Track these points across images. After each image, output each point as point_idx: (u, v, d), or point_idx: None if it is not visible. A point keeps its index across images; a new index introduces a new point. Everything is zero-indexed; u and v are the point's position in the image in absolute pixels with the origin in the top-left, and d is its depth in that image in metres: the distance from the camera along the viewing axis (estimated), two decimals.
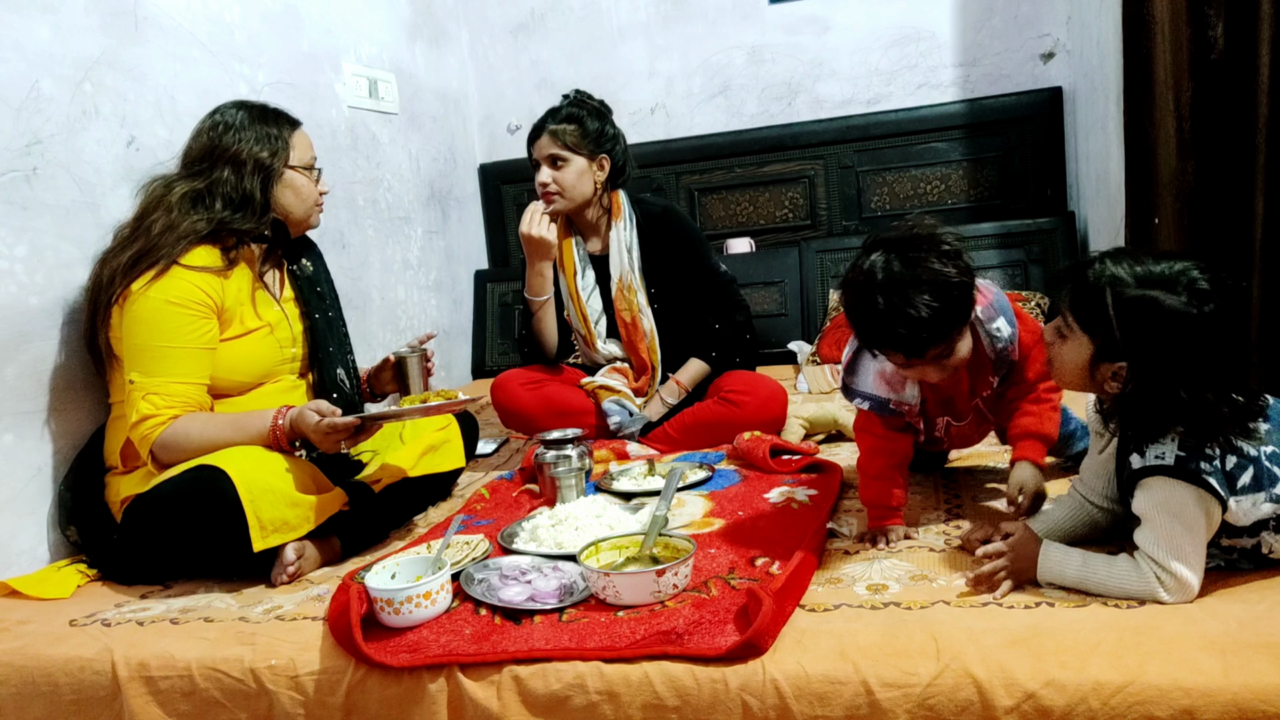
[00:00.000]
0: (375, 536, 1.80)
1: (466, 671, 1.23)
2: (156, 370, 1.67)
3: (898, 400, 1.57)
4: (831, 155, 3.53)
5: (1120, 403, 1.24)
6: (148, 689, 1.33)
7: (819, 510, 1.68)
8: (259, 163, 1.80)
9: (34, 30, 1.86)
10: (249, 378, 1.82)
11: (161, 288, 1.69)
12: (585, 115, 2.38)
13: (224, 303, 1.76)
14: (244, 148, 1.80)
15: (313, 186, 1.91)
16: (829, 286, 3.40)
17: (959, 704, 1.08)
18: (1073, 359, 1.26)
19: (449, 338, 3.62)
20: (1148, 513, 1.22)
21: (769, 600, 1.20)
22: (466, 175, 3.84)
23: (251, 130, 1.82)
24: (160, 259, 1.70)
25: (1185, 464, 1.18)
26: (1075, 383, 1.29)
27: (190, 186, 1.78)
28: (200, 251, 1.75)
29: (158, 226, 1.73)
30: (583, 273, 2.44)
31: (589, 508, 1.69)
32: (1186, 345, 1.16)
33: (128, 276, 1.70)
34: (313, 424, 1.63)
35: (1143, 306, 1.17)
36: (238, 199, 1.79)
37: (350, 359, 2.05)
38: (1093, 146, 3.05)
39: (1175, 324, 1.16)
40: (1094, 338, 1.23)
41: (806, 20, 3.54)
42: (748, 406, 2.24)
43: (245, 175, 1.79)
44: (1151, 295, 1.17)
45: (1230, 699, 1.01)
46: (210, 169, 1.79)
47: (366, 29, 3.13)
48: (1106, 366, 1.23)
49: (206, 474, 1.55)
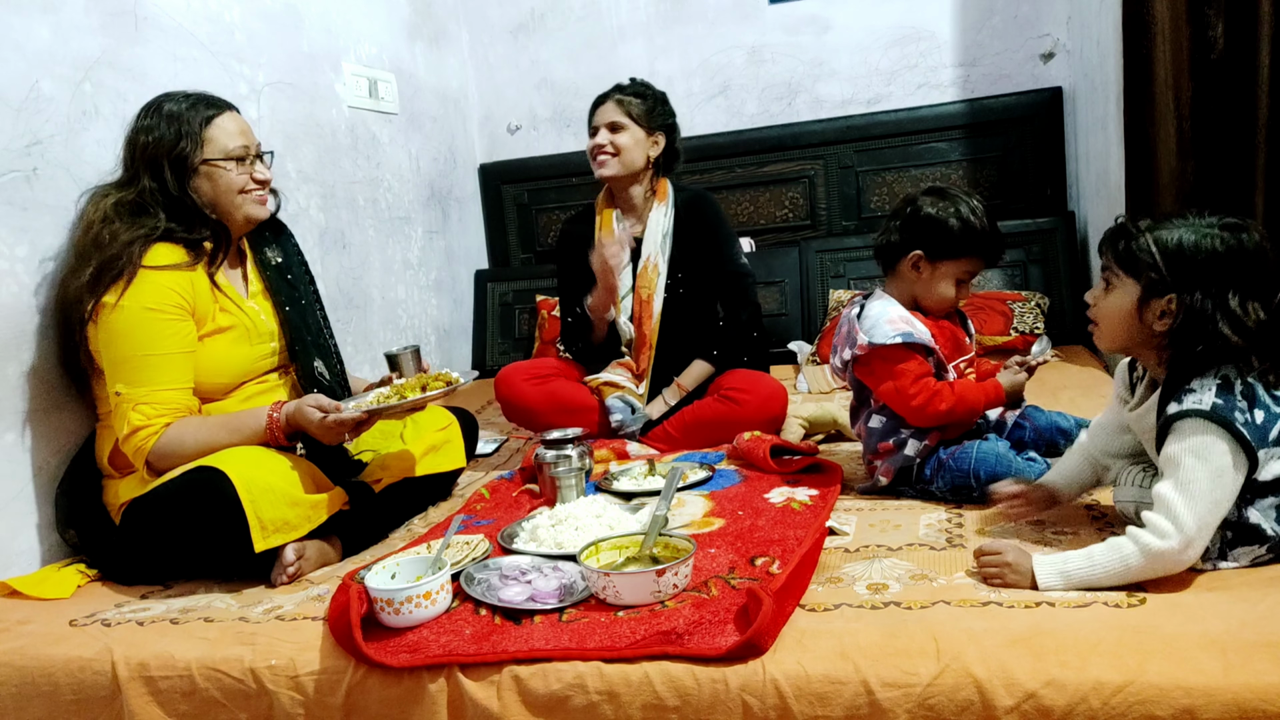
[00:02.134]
0: (375, 536, 1.80)
1: (466, 671, 1.23)
2: (142, 380, 1.65)
3: (919, 333, 1.71)
4: (831, 155, 3.53)
5: (1170, 337, 1.31)
6: (148, 689, 1.33)
7: (819, 510, 1.67)
8: (173, 161, 1.71)
9: (34, 30, 1.86)
10: (228, 378, 1.78)
11: (135, 295, 1.64)
12: (649, 93, 2.47)
13: (195, 303, 1.72)
14: (159, 147, 1.71)
15: (233, 176, 1.76)
16: (829, 286, 3.40)
17: (959, 704, 1.08)
18: (1121, 304, 1.35)
19: (449, 337, 3.62)
20: (1175, 456, 1.25)
21: (769, 600, 1.20)
22: (466, 175, 3.84)
23: (165, 127, 1.72)
24: (123, 267, 1.64)
25: (1220, 410, 1.24)
26: (1122, 332, 1.37)
27: (121, 196, 1.72)
28: (160, 249, 1.69)
29: (106, 236, 1.67)
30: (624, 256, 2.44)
31: (589, 508, 1.68)
32: (1226, 268, 1.27)
33: (95, 291, 1.65)
34: (315, 420, 1.63)
35: (1182, 241, 1.29)
36: (174, 205, 1.71)
37: (332, 347, 1.98)
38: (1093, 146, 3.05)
39: (1213, 251, 1.27)
40: (1140, 279, 1.32)
41: (806, 20, 3.54)
42: (748, 405, 2.24)
43: (166, 179, 1.71)
44: (1189, 233, 1.30)
45: (1231, 698, 1.01)
46: (135, 176, 1.73)
47: (366, 29, 3.13)
48: (1155, 303, 1.31)
49: (206, 475, 1.55)
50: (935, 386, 1.70)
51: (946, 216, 1.71)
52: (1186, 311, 1.28)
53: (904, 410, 1.72)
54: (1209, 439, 1.23)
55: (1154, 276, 1.30)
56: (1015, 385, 1.76)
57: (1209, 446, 1.23)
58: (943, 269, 1.74)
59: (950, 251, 1.72)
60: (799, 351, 3.24)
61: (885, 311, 1.74)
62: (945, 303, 1.77)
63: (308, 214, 2.75)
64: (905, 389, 1.70)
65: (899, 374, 1.71)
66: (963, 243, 1.71)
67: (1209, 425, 1.24)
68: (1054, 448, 1.81)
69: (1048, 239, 3.23)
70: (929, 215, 1.72)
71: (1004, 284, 3.22)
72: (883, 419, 1.78)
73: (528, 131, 3.89)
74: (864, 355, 1.74)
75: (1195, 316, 1.27)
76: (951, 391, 1.70)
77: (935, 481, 1.71)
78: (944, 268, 1.74)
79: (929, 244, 1.73)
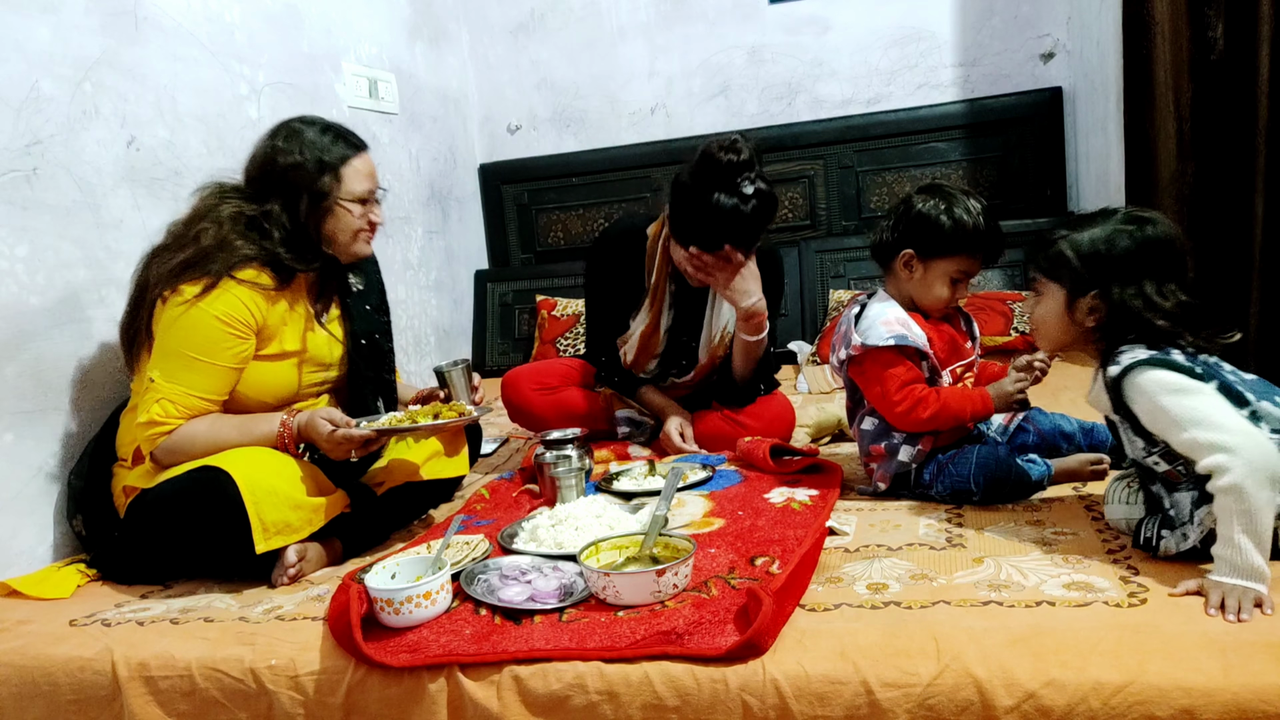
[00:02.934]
0: (377, 539, 1.80)
1: (466, 671, 1.23)
2: (179, 379, 1.65)
3: (914, 335, 1.71)
4: (831, 155, 3.53)
5: (1104, 333, 1.39)
6: (148, 689, 1.33)
7: (819, 510, 1.67)
8: (312, 195, 1.72)
9: (34, 30, 1.86)
10: (271, 399, 1.77)
11: (211, 301, 1.65)
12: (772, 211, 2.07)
13: (266, 321, 1.72)
14: (301, 177, 1.71)
15: (354, 218, 1.78)
16: (829, 286, 3.40)
17: (959, 704, 1.08)
18: (1052, 309, 1.43)
19: (449, 338, 3.62)
20: (1153, 406, 1.28)
21: (769, 600, 1.20)
22: (466, 175, 3.84)
23: (308, 155, 1.72)
24: (212, 270, 1.65)
25: (1157, 355, 1.30)
26: (1058, 334, 1.45)
27: (242, 208, 1.72)
28: (253, 270, 1.70)
29: (207, 238, 1.68)
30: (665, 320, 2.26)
31: (589, 508, 1.68)
32: (1137, 260, 1.35)
33: (176, 279, 1.66)
34: (325, 433, 1.62)
35: (1094, 240, 1.38)
36: (292, 232, 1.73)
37: (389, 382, 1.97)
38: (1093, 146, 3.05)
39: (1124, 247, 1.36)
40: (1063, 283, 1.41)
41: (806, 20, 3.54)
42: (752, 429, 2.21)
43: (299, 210, 1.72)
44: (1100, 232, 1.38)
45: (1231, 698, 1.01)
46: (264, 195, 1.73)
47: (366, 29, 3.13)
48: (1082, 302, 1.39)
49: (209, 475, 1.55)
50: (920, 394, 1.69)
51: (938, 214, 1.70)
52: (1110, 305, 1.36)
53: (888, 415, 1.73)
54: (1160, 374, 1.28)
55: (1074, 278, 1.39)
56: (1005, 396, 1.72)
57: (1166, 379, 1.27)
58: (935, 267, 1.73)
59: (941, 250, 1.71)
60: (799, 351, 3.24)
61: (883, 313, 1.74)
62: (940, 302, 1.76)
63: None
64: (890, 394, 1.70)
65: (886, 379, 1.70)
66: (954, 241, 1.70)
67: (1153, 368, 1.29)
68: (1056, 451, 1.81)
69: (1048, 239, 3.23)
70: (920, 213, 1.71)
71: (1004, 284, 3.22)
72: (875, 421, 1.78)
73: (528, 131, 3.89)
74: (858, 356, 1.74)
75: (1119, 309, 1.35)
76: (936, 399, 1.69)
77: (935, 486, 1.71)
78: (936, 266, 1.72)
79: (920, 242, 1.72)
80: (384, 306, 2.00)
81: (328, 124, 1.78)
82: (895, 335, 1.70)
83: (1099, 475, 1.72)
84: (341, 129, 1.79)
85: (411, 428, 1.69)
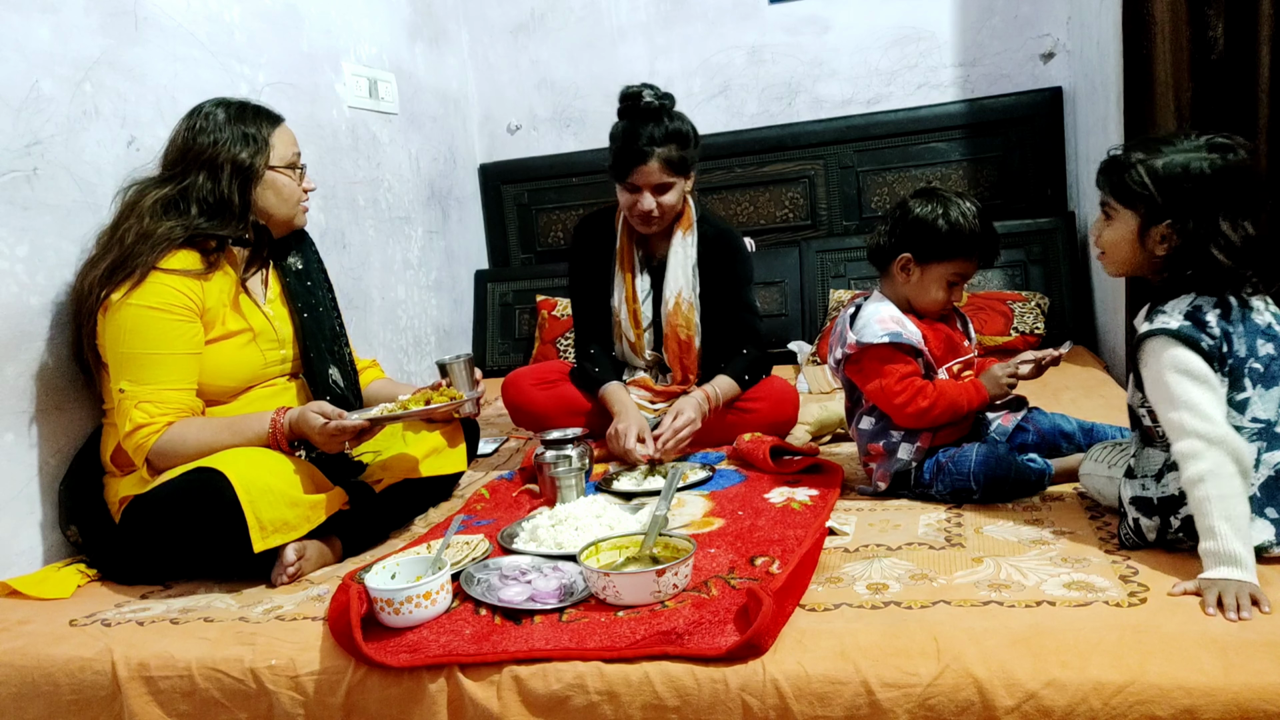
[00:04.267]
0: (376, 537, 1.80)
1: (466, 671, 1.23)
2: (146, 378, 1.66)
3: (908, 333, 1.72)
4: (831, 155, 3.53)
5: (1172, 262, 1.36)
6: (148, 689, 1.33)
7: (819, 510, 1.68)
8: (237, 165, 1.75)
9: (34, 30, 1.86)
10: (234, 382, 1.79)
11: (141, 294, 1.66)
12: (683, 128, 2.18)
13: (205, 304, 1.73)
14: (220, 150, 1.74)
15: (295, 186, 1.85)
16: (829, 286, 3.40)
17: (960, 704, 1.08)
18: (1122, 234, 1.40)
19: (449, 337, 3.62)
20: (1158, 377, 1.29)
21: (769, 600, 1.20)
22: (466, 175, 3.84)
23: (229, 130, 1.76)
24: (137, 267, 1.66)
25: (1185, 331, 1.30)
26: (1126, 259, 1.42)
27: (162, 193, 1.74)
28: (179, 255, 1.71)
29: (131, 235, 1.69)
30: (642, 288, 2.34)
31: (589, 508, 1.69)
32: (1216, 189, 1.31)
33: (105, 287, 1.67)
34: (317, 426, 1.63)
35: (1172, 167, 1.33)
36: (214, 204, 1.74)
37: (346, 355, 2.00)
38: (1093, 146, 3.05)
39: (1202, 174, 1.32)
40: (1137, 209, 1.37)
41: (806, 20, 3.54)
42: (759, 412, 2.22)
43: (222, 179, 1.74)
44: (1178, 157, 1.34)
45: (1231, 698, 1.01)
46: (184, 173, 1.75)
47: (366, 29, 3.13)
48: (1155, 230, 1.36)
49: (205, 476, 1.55)
50: (918, 385, 1.70)
51: (935, 219, 1.70)
52: (1182, 235, 1.33)
53: (888, 408, 1.73)
54: (1178, 352, 1.29)
55: (1150, 205, 1.35)
56: (995, 380, 1.73)
57: (1183, 359, 1.28)
58: (932, 271, 1.73)
59: (938, 254, 1.72)
60: (799, 351, 3.24)
61: (877, 312, 1.74)
62: (937, 305, 1.76)
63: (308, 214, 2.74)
64: (889, 387, 1.71)
65: (885, 373, 1.71)
66: (951, 245, 1.70)
67: (1176, 343, 1.29)
68: (1056, 450, 1.81)
69: (1048, 239, 3.23)
70: (916, 217, 1.72)
71: (1004, 284, 3.22)
72: (873, 420, 1.78)
73: (528, 131, 3.89)
74: (854, 354, 1.75)
75: (1191, 239, 1.33)
76: (934, 389, 1.70)
77: (935, 485, 1.71)
78: (933, 270, 1.73)
79: (917, 246, 1.72)
80: (326, 283, 2.02)
81: (243, 101, 1.84)
82: (890, 332, 1.70)
83: None
84: (258, 105, 1.84)
85: (403, 414, 1.70)
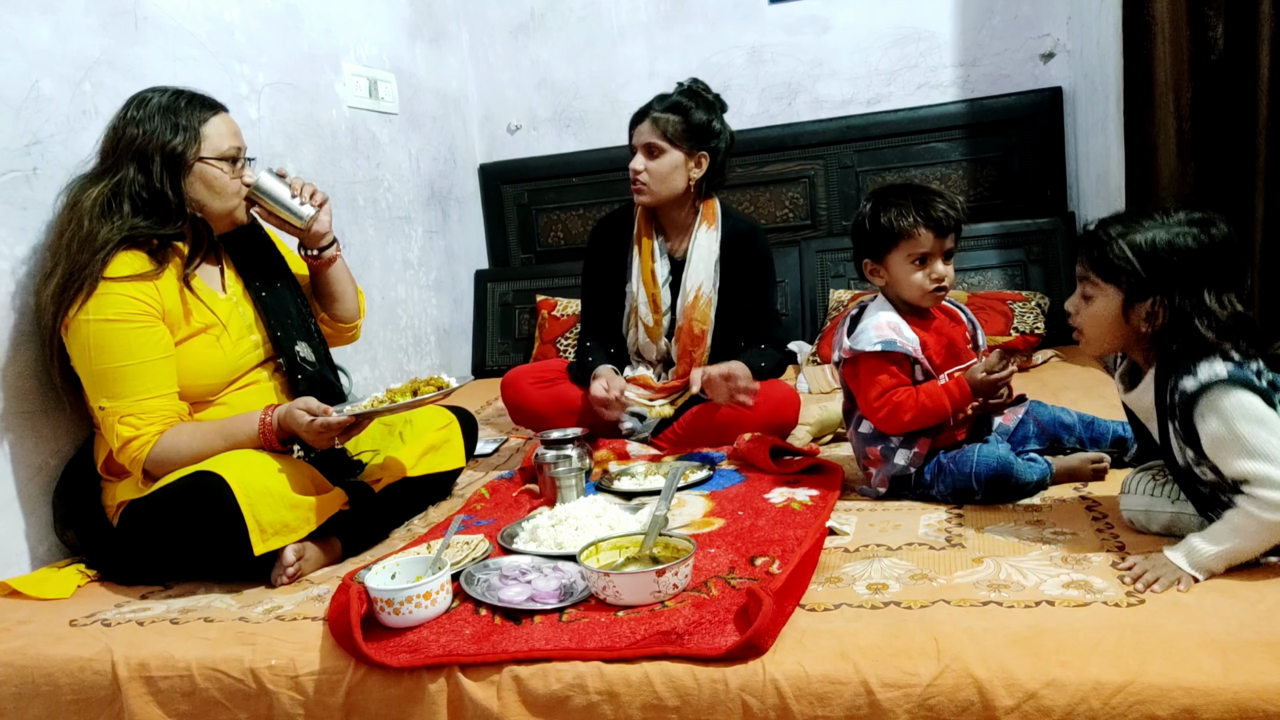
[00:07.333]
0: (375, 536, 1.80)
1: (466, 671, 1.23)
2: (122, 392, 1.62)
3: (903, 340, 1.70)
4: (831, 155, 3.53)
5: (1158, 338, 1.34)
6: (148, 689, 1.33)
7: (819, 510, 1.67)
8: (166, 156, 1.67)
9: (34, 30, 1.86)
10: (213, 380, 1.76)
11: (97, 308, 1.61)
12: (693, 107, 2.25)
13: (164, 305, 1.68)
14: (151, 140, 1.66)
15: (229, 179, 1.74)
16: (829, 286, 3.40)
17: (959, 704, 1.08)
18: (1104, 312, 1.36)
19: (449, 337, 3.62)
20: (1229, 430, 1.24)
21: (769, 600, 1.20)
22: (466, 175, 3.84)
23: (159, 120, 1.68)
24: (85, 280, 1.60)
25: (1236, 374, 1.26)
26: (1107, 338, 1.39)
27: (99, 189, 1.66)
28: (124, 259, 1.65)
29: (75, 244, 1.63)
30: (661, 272, 2.34)
31: (589, 508, 1.68)
32: (1201, 264, 1.29)
33: (60, 305, 1.63)
34: (304, 424, 1.62)
35: (1157, 242, 1.31)
36: (148, 199, 1.67)
37: (313, 328, 1.95)
38: (1093, 147, 3.05)
39: (1187, 249, 1.30)
40: (1120, 286, 1.34)
41: (806, 20, 3.54)
42: (759, 410, 2.22)
43: (153, 171, 1.66)
44: (1163, 233, 1.32)
45: (1231, 698, 1.01)
46: (117, 165, 1.68)
47: (366, 29, 3.13)
48: (1139, 307, 1.33)
49: (204, 480, 1.55)
50: (898, 399, 1.68)
51: (863, 217, 1.73)
52: (1170, 311, 1.30)
53: (873, 421, 1.73)
54: (1242, 397, 1.24)
55: (1134, 281, 1.32)
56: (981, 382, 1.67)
57: (1250, 405, 1.24)
58: (891, 262, 1.72)
59: (884, 243, 1.72)
60: (799, 351, 3.24)
61: (876, 317, 1.74)
62: (922, 290, 1.72)
63: None
64: (871, 402, 1.71)
65: (869, 386, 1.71)
66: (887, 230, 1.70)
67: (1235, 388, 1.24)
68: (1057, 442, 1.81)
69: (1048, 239, 3.23)
70: (855, 225, 1.77)
71: (1004, 284, 3.22)
72: (870, 424, 1.78)
73: (528, 131, 3.89)
74: (849, 359, 1.75)
75: (1178, 315, 1.30)
76: (914, 401, 1.68)
77: (935, 486, 1.71)
78: (892, 260, 1.72)
79: (866, 248, 1.75)
80: (281, 261, 1.96)
81: (180, 89, 1.76)
82: (884, 340, 1.69)
83: (1100, 475, 1.72)
84: (196, 93, 1.76)
85: (390, 407, 1.67)
